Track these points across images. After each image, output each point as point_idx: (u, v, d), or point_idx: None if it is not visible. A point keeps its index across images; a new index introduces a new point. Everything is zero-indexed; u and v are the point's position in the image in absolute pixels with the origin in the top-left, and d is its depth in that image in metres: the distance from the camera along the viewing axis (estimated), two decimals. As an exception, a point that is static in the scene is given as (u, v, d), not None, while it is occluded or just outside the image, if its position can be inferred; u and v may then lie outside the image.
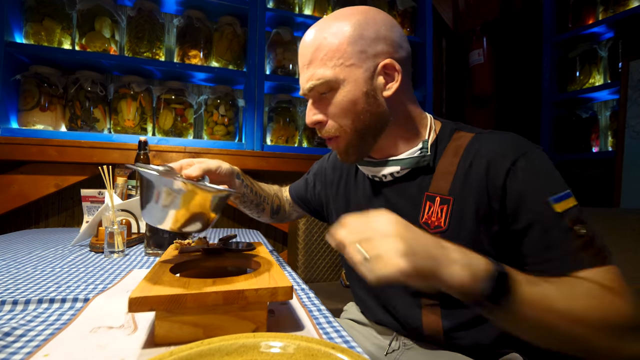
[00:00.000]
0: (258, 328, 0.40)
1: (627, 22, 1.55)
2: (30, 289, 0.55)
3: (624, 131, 1.53)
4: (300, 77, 0.59)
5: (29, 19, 1.39)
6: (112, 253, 0.79)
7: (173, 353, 0.29)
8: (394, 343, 0.63)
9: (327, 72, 0.54)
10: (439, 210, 0.55)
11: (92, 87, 1.45)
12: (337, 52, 0.53)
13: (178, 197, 0.46)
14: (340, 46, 0.53)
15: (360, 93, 0.54)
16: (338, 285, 1.51)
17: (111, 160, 1.38)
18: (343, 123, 0.56)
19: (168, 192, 0.46)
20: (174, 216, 0.46)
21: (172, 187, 0.46)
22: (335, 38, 0.53)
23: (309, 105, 0.59)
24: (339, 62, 0.53)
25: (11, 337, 0.38)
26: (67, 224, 1.48)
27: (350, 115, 0.55)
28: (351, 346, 0.40)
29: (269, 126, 1.78)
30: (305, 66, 0.56)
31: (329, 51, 0.53)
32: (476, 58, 2.06)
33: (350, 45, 0.53)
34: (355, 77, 0.54)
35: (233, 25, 1.64)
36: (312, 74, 0.55)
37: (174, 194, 0.46)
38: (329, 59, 0.54)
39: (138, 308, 0.35)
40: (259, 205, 0.78)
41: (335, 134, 0.58)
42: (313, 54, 0.55)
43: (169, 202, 0.46)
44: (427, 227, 0.56)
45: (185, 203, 0.46)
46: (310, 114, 0.58)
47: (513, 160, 0.50)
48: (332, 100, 0.55)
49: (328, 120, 0.57)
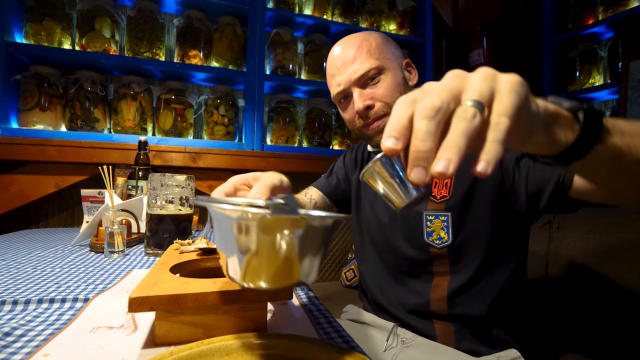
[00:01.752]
0: (258, 328, 0.40)
1: (627, 22, 1.54)
2: (30, 289, 0.55)
3: (624, 131, 1.53)
4: (336, 79, 0.69)
5: (29, 19, 1.39)
6: (112, 253, 0.79)
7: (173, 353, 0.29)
8: (391, 339, 0.64)
9: (374, 61, 0.66)
10: (444, 184, 0.65)
11: (92, 87, 1.45)
12: (377, 49, 0.67)
13: (296, 238, 0.29)
14: (378, 46, 0.68)
15: (400, 78, 0.69)
16: (338, 285, 1.51)
17: (111, 160, 1.38)
18: (389, 100, 0.66)
19: (282, 237, 0.28)
20: (282, 267, 0.30)
21: (289, 225, 0.28)
22: (371, 42, 0.68)
23: (357, 94, 0.67)
24: (380, 55, 0.67)
25: (11, 337, 0.38)
26: (67, 224, 1.48)
27: (396, 94, 0.67)
28: (351, 346, 0.40)
29: (269, 126, 1.78)
30: (348, 63, 0.67)
31: (370, 48, 0.67)
32: (476, 58, 2.06)
33: (384, 46, 0.69)
34: (393, 67, 0.68)
35: (233, 25, 1.64)
36: (360, 66, 0.66)
37: (293, 235, 0.29)
38: (372, 54, 0.67)
39: (138, 308, 0.35)
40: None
41: (382, 113, 0.67)
42: (356, 52, 0.67)
43: (289, 248, 0.29)
44: (434, 198, 0.65)
45: (305, 244, 0.30)
46: (360, 100, 0.66)
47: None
48: (379, 84, 0.67)
49: (375, 103, 0.67)
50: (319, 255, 0.31)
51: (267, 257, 0.29)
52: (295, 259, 0.29)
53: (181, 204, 0.81)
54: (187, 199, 0.82)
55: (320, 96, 1.84)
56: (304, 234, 0.29)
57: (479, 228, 0.62)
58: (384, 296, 0.71)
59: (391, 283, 0.70)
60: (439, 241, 0.63)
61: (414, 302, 0.65)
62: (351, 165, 0.86)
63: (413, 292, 0.66)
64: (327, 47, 1.80)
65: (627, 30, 1.57)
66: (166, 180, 0.79)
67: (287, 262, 0.29)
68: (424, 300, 0.64)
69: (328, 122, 1.82)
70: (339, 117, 1.86)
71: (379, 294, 0.72)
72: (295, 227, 0.28)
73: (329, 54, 0.71)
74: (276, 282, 0.30)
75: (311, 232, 0.29)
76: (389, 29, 1.94)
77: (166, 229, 0.80)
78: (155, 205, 0.80)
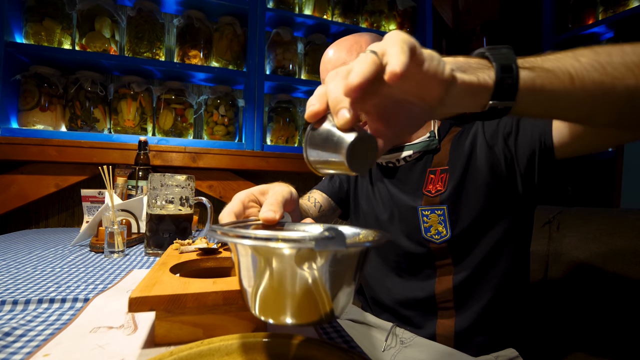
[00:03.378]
0: (258, 328, 0.40)
1: (627, 22, 1.54)
2: (30, 289, 0.55)
3: (624, 131, 1.53)
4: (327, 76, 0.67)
5: (29, 19, 1.39)
6: (112, 253, 0.79)
7: (173, 353, 0.29)
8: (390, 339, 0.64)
9: None
10: (440, 179, 0.65)
11: (92, 87, 1.45)
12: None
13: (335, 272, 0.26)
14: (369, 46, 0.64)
15: None
16: (338, 285, 1.51)
17: (111, 160, 1.38)
18: None
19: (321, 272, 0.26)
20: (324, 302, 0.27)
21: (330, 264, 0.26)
22: (361, 44, 0.67)
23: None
24: None
25: (11, 337, 0.38)
26: (67, 224, 1.48)
27: None
28: (351, 346, 0.40)
29: (269, 126, 1.78)
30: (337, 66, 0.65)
31: (360, 51, 0.64)
32: (476, 58, 2.06)
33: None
34: None
35: (233, 25, 1.64)
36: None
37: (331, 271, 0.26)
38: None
39: (138, 308, 0.35)
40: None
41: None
42: (346, 55, 0.66)
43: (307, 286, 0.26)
44: (429, 193, 0.65)
45: (346, 275, 0.27)
46: None
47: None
48: None
49: None
50: (356, 282, 0.28)
51: (307, 292, 0.26)
52: (336, 291, 0.27)
53: (181, 204, 0.81)
54: (187, 199, 0.82)
55: (320, 96, 1.84)
56: (346, 264, 0.26)
57: (477, 218, 0.61)
58: (385, 294, 0.71)
59: (394, 280, 0.70)
60: (438, 236, 0.63)
61: (418, 297, 0.65)
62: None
63: (417, 287, 0.66)
64: (327, 47, 1.80)
65: (627, 30, 1.57)
66: (166, 180, 0.79)
67: (326, 296, 0.26)
68: (428, 294, 0.64)
69: (328, 122, 1.82)
70: (339, 117, 1.86)
71: (381, 292, 0.72)
72: (341, 259, 0.26)
73: (322, 57, 0.72)
74: (312, 317, 0.27)
75: (352, 260, 0.27)
76: (389, 29, 1.94)
77: (166, 229, 0.80)
78: (155, 205, 0.80)
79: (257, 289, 0.28)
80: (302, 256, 0.25)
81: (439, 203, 0.63)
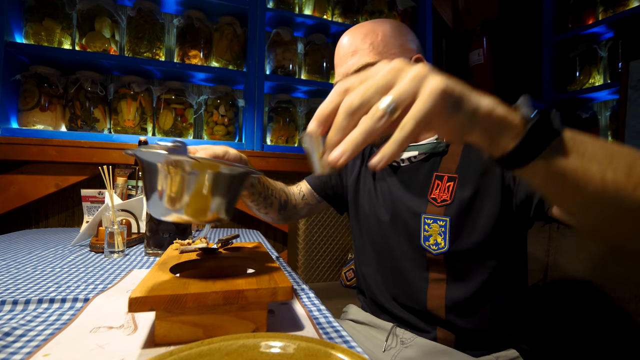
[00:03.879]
0: (258, 328, 0.40)
1: (627, 22, 1.54)
2: (30, 289, 0.55)
3: (624, 131, 1.53)
4: (337, 69, 0.65)
5: (29, 19, 1.39)
6: (112, 253, 0.79)
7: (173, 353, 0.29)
8: (390, 339, 0.64)
9: (374, 57, 0.60)
10: (447, 187, 0.61)
11: (92, 87, 1.45)
12: (382, 42, 0.61)
13: (193, 177, 0.37)
14: (384, 39, 0.61)
15: None
16: (338, 285, 1.51)
17: (111, 160, 1.38)
18: None
19: (180, 172, 0.36)
20: (191, 202, 0.38)
21: (185, 166, 0.36)
22: (377, 33, 0.62)
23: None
24: (384, 49, 0.61)
25: (11, 337, 0.38)
26: (67, 224, 1.48)
27: None
28: (351, 346, 0.40)
29: (269, 126, 1.78)
30: (348, 55, 0.62)
31: (375, 41, 0.61)
32: (476, 58, 2.06)
33: (392, 39, 0.62)
34: None
35: (233, 25, 1.64)
36: (358, 60, 0.61)
37: (188, 173, 0.36)
38: (375, 47, 0.61)
39: (138, 308, 0.35)
40: (267, 199, 0.74)
41: None
42: (359, 43, 0.61)
43: (183, 184, 0.37)
44: (434, 201, 0.62)
45: (202, 184, 0.37)
46: None
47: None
48: None
49: None
50: (217, 195, 0.39)
51: (172, 191, 0.37)
52: (194, 195, 0.37)
53: (181, 204, 0.81)
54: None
55: (320, 96, 1.84)
56: (190, 174, 0.37)
57: (479, 237, 0.58)
58: (383, 296, 0.70)
59: (390, 285, 0.68)
60: (435, 247, 0.60)
61: (412, 307, 0.64)
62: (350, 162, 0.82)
63: (411, 297, 0.64)
64: (327, 47, 1.80)
65: (627, 30, 1.57)
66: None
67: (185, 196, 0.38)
68: (421, 307, 0.62)
69: (328, 122, 1.82)
70: (339, 117, 1.86)
71: (379, 294, 0.71)
72: (182, 166, 0.36)
73: (338, 42, 0.66)
74: (177, 214, 0.38)
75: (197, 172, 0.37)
76: (389, 29, 1.94)
77: (166, 229, 0.80)
78: (155, 205, 0.80)
79: (148, 190, 0.39)
80: (161, 159, 0.36)
81: (442, 214, 0.60)
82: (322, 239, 1.57)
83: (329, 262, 1.58)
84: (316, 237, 1.56)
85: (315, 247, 1.56)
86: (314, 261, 1.56)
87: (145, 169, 0.39)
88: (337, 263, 1.59)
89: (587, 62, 1.74)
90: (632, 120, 1.52)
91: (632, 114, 1.52)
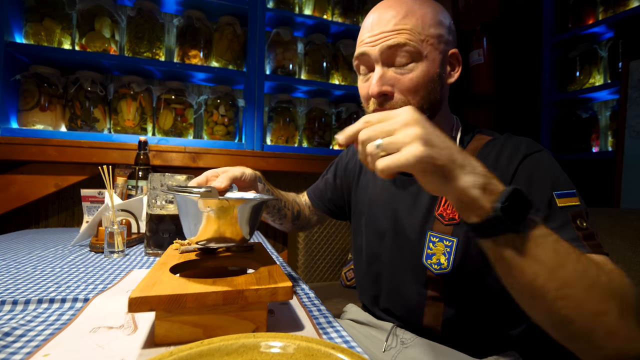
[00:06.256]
0: (258, 328, 0.40)
1: (627, 22, 1.54)
2: (30, 289, 0.55)
3: (624, 131, 1.53)
4: (364, 36, 0.57)
5: (29, 19, 1.39)
6: (112, 253, 0.79)
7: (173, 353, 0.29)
8: (391, 339, 0.64)
9: (416, 41, 0.54)
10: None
11: (92, 87, 1.45)
12: (424, 29, 0.54)
13: (223, 213, 0.45)
14: (425, 25, 0.55)
15: (435, 73, 0.56)
16: (338, 285, 1.51)
17: (111, 160, 1.38)
18: (412, 99, 0.56)
19: (213, 214, 0.45)
20: (221, 232, 0.46)
21: (214, 208, 0.45)
22: (419, 16, 0.54)
23: (377, 74, 0.55)
24: (425, 37, 0.54)
25: (11, 337, 0.38)
26: (67, 224, 1.48)
27: (421, 92, 0.56)
28: (351, 346, 0.40)
29: (269, 126, 1.78)
30: (383, 24, 0.54)
31: (417, 24, 0.54)
32: (476, 58, 2.06)
33: (432, 27, 0.55)
34: (433, 57, 0.55)
35: (233, 25, 1.64)
36: (398, 35, 0.53)
37: (219, 211, 0.45)
38: (417, 32, 0.54)
39: (138, 308, 0.35)
40: (281, 210, 0.75)
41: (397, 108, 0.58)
42: (398, 22, 0.54)
43: (217, 220, 0.45)
44: (441, 218, 0.58)
45: (232, 218, 0.46)
46: (379, 83, 0.55)
47: (525, 154, 0.54)
48: (408, 73, 0.55)
49: (395, 94, 0.56)
50: (243, 223, 0.47)
51: (204, 223, 0.45)
52: (223, 225, 0.46)
53: (181, 204, 0.81)
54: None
55: (320, 96, 1.84)
56: (221, 210, 0.45)
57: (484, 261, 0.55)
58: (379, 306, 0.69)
59: (386, 296, 0.67)
60: (437, 266, 0.57)
61: (407, 320, 0.63)
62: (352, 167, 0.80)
63: (407, 311, 0.63)
64: (327, 47, 1.80)
65: (627, 30, 1.57)
66: (166, 180, 0.79)
67: (216, 227, 0.46)
68: (416, 322, 0.61)
69: (328, 122, 1.82)
70: (339, 117, 1.86)
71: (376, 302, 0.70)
72: (214, 206, 0.45)
73: (366, 17, 0.59)
74: (214, 240, 0.47)
75: (226, 208, 0.45)
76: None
77: (166, 229, 0.80)
78: (155, 205, 0.80)
79: (187, 223, 0.48)
80: (200, 201, 0.45)
81: (450, 233, 0.56)
82: (322, 239, 1.57)
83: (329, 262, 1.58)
84: (316, 237, 1.56)
85: (315, 247, 1.56)
86: (314, 261, 1.56)
87: (181, 208, 0.49)
88: (337, 263, 1.59)
89: (587, 62, 1.74)
90: (632, 120, 1.52)
91: (632, 114, 1.52)
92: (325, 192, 0.83)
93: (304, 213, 0.82)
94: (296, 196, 0.86)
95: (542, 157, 0.54)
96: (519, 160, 0.54)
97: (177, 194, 0.48)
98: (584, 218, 0.47)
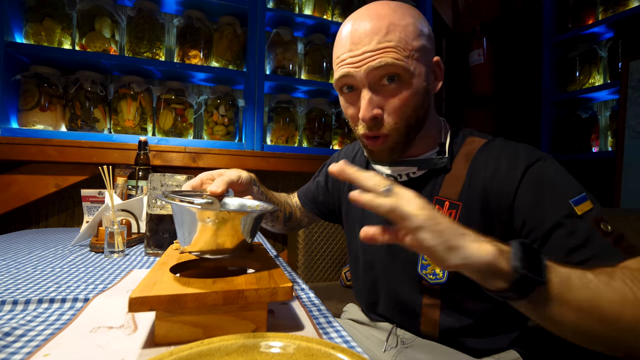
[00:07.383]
0: (258, 328, 0.40)
1: (627, 22, 1.55)
2: (30, 289, 0.55)
3: (624, 131, 1.53)
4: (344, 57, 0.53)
5: (29, 19, 1.39)
6: (112, 253, 0.79)
7: (173, 353, 0.29)
8: (391, 339, 0.64)
9: (404, 59, 0.50)
10: (447, 215, 0.52)
11: (92, 87, 1.45)
12: (407, 43, 0.51)
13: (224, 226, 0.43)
14: (409, 38, 0.51)
15: (422, 88, 0.53)
16: (338, 285, 1.51)
17: (111, 160, 1.38)
18: (399, 119, 0.53)
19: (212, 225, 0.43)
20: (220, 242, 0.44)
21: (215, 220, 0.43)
22: (400, 30, 0.50)
23: (366, 99, 0.52)
24: (410, 52, 0.51)
25: (11, 337, 0.38)
26: (67, 224, 1.48)
27: (409, 110, 0.53)
28: (351, 346, 0.40)
29: (269, 126, 1.78)
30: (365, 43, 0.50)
31: (400, 40, 0.50)
32: (476, 58, 2.06)
33: (415, 40, 0.52)
34: (419, 71, 0.52)
35: (233, 25, 1.64)
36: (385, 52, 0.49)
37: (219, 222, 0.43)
38: (402, 48, 0.50)
39: (138, 308, 0.35)
40: (273, 213, 0.75)
41: (386, 132, 0.54)
42: (381, 38, 0.50)
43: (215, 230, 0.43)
44: None
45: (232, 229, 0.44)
46: (369, 107, 0.52)
47: (527, 164, 0.51)
48: (397, 93, 0.52)
49: (384, 116, 0.53)
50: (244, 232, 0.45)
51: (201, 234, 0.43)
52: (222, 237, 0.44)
53: (181, 204, 0.81)
54: (187, 199, 0.82)
55: (320, 96, 1.84)
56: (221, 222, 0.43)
57: None
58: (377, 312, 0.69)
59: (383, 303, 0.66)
60: (433, 277, 0.56)
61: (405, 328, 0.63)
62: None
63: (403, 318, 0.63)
64: (327, 47, 1.80)
65: (627, 30, 1.58)
66: (166, 180, 0.79)
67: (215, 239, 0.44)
68: (413, 329, 0.61)
69: (328, 122, 1.82)
70: (339, 117, 1.86)
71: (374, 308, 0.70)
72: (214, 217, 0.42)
73: (341, 28, 0.56)
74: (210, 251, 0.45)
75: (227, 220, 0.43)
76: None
77: (166, 229, 0.80)
78: (155, 205, 0.80)
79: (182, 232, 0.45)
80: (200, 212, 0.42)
81: None
82: (322, 239, 1.57)
83: (329, 262, 1.58)
84: (316, 237, 1.56)
85: (315, 247, 1.56)
86: (314, 261, 1.56)
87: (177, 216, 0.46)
88: (337, 263, 1.59)
89: (587, 62, 1.74)
90: (632, 120, 1.52)
91: (632, 114, 1.52)
92: (317, 195, 0.83)
93: (295, 215, 0.82)
94: (287, 197, 0.85)
95: (546, 166, 0.51)
96: (521, 172, 0.51)
97: (174, 202, 0.45)
98: (604, 220, 0.46)
